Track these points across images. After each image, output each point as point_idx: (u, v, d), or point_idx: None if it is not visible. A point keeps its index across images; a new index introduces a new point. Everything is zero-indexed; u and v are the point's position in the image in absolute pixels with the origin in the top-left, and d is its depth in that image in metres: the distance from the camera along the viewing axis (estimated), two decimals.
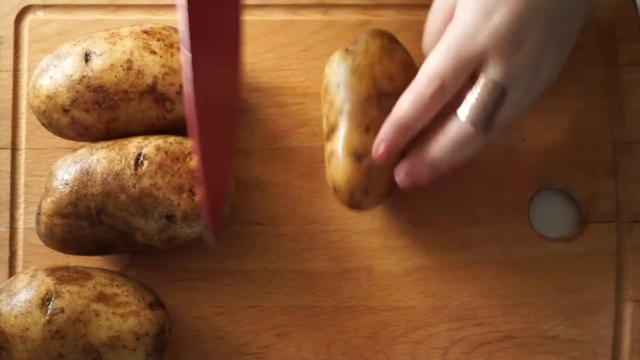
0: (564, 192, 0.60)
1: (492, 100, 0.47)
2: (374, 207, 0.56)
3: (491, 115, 0.48)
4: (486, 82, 0.47)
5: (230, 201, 0.54)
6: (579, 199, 0.59)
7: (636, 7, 0.60)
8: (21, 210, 0.58)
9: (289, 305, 0.57)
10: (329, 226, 0.58)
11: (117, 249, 0.54)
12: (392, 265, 0.58)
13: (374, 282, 0.58)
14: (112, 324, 0.50)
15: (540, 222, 0.59)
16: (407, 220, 0.58)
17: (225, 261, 0.58)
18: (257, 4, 0.60)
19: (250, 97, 0.59)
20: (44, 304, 0.50)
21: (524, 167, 0.59)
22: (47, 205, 0.52)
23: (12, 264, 0.58)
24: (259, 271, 0.58)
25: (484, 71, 0.48)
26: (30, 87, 0.54)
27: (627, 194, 0.58)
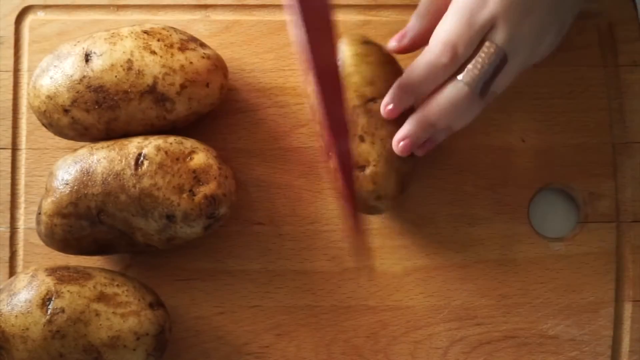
0: (563, 192, 0.60)
1: (492, 64, 0.48)
2: (393, 207, 0.56)
3: (489, 79, 0.48)
4: (490, 45, 0.48)
5: (231, 200, 0.54)
6: (579, 198, 0.59)
7: (636, 7, 0.60)
8: (21, 210, 0.58)
9: (289, 305, 0.58)
10: (329, 226, 0.58)
11: (117, 249, 0.54)
12: (392, 265, 0.58)
13: (373, 282, 0.58)
14: (113, 323, 0.50)
15: (540, 222, 0.59)
16: (407, 220, 0.58)
17: (225, 261, 0.58)
18: (257, 4, 0.60)
19: (250, 97, 0.59)
20: (45, 304, 0.50)
21: (524, 167, 0.59)
22: (47, 205, 0.52)
23: (13, 263, 0.58)
24: (259, 271, 0.58)
25: (490, 34, 0.48)
26: (30, 87, 0.54)
27: (627, 194, 0.58)
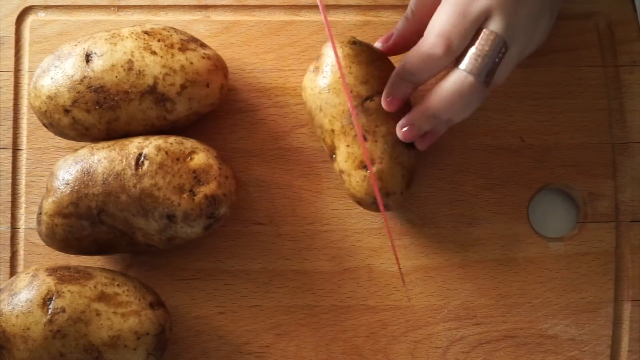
0: (563, 191, 0.60)
1: (493, 51, 0.48)
2: (403, 202, 0.56)
3: (492, 66, 0.49)
4: (488, 33, 0.48)
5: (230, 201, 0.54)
6: (579, 198, 0.59)
7: (636, 7, 0.60)
8: (22, 210, 0.59)
9: (289, 304, 0.58)
10: (329, 226, 0.58)
11: (117, 249, 0.54)
12: (392, 265, 0.58)
13: (373, 282, 0.58)
14: (113, 323, 0.50)
15: (539, 222, 0.59)
16: (407, 220, 0.58)
17: (225, 261, 0.58)
18: (257, 5, 0.61)
19: (250, 97, 0.60)
20: (45, 304, 0.50)
21: (524, 167, 0.59)
22: (48, 205, 0.52)
23: (14, 263, 0.58)
24: (259, 271, 0.58)
25: (486, 25, 0.48)
26: (31, 88, 0.54)
27: (626, 194, 0.58)
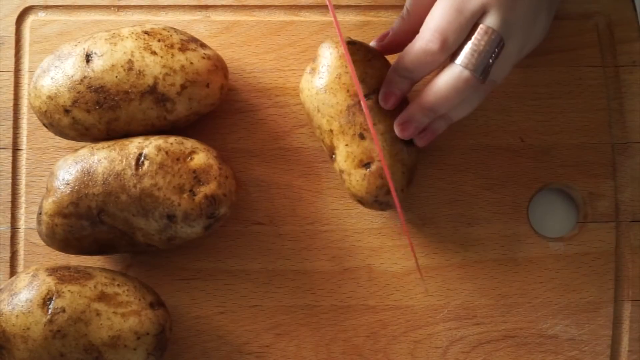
0: (563, 191, 0.60)
1: (489, 46, 0.48)
2: (403, 199, 0.56)
3: (488, 61, 0.49)
4: (485, 28, 0.48)
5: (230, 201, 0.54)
6: (578, 198, 0.59)
7: (636, 7, 0.60)
8: (22, 210, 0.59)
9: (289, 304, 0.58)
10: (329, 226, 0.58)
11: (118, 249, 0.54)
12: (392, 265, 0.58)
13: (373, 282, 0.58)
14: (113, 323, 0.50)
15: (539, 222, 0.59)
16: (407, 220, 0.58)
17: (225, 261, 0.58)
18: (257, 5, 0.61)
19: (250, 97, 0.60)
20: (45, 304, 0.50)
21: (524, 167, 0.59)
22: (48, 205, 0.52)
23: (14, 263, 0.58)
24: (259, 271, 0.58)
25: (482, 21, 0.48)
26: (31, 88, 0.54)
27: (626, 194, 0.58)
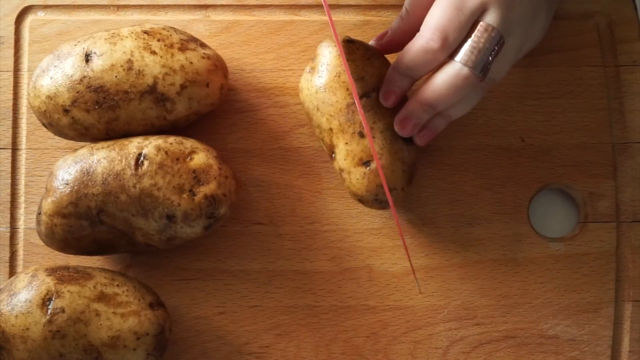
0: (563, 192, 0.60)
1: (488, 44, 0.48)
2: (404, 198, 0.56)
3: (488, 59, 0.49)
4: (485, 26, 0.48)
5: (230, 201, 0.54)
6: (579, 198, 0.59)
7: (636, 7, 0.60)
8: (22, 210, 0.58)
9: (289, 305, 0.58)
10: (329, 226, 0.58)
11: (117, 249, 0.54)
12: (392, 265, 0.58)
13: (374, 282, 0.58)
14: (113, 323, 0.50)
15: (540, 222, 0.59)
16: (407, 220, 0.58)
17: (225, 261, 0.58)
18: (257, 5, 0.60)
19: (250, 97, 0.59)
20: (45, 304, 0.50)
21: (524, 167, 0.59)
22: (47, 205, 0.52)
23: (13, 263, 0.58)
24: (259, 271, 0.58)
25: (482, 18, 0.49)
26: (30, 88, 0.54)
27: (627, 194, 0.58)
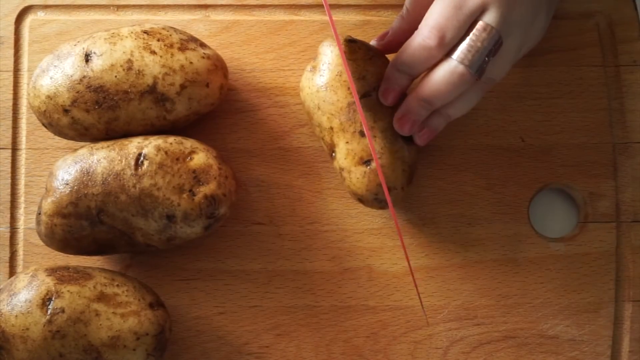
0: (563, 192, 0.60)
1: (486, 43, 0.48)
2: (404, 198, 0.56)
3: (484, 59, 0.49)
4: (484, 25, 0.48)
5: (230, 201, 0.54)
6: (579, 198, 0.59)
7: (636, 7, 0.60)
8: (21, 210, 0.58)
9: (289, 305, 0.58)
10: (329, 226, 0.58)
11: (117, 249, 0.54)
12: (392, 265, 0.58)
13: (374, 282, 0.58)
14: (113, 323, 0.50)
15: (540, 222, 0.59)
16: (407, 220, 0.58)
17: (225, 261, 0.58)
18: (257, 4, 0.60)
19: (250, 97, 0.59)
20: (45, 304, 0.50)
21: (524, 167, 0.59)
22: (47, 205, 0.52)
23: (13, 263, 0.58)
24: (259, 271, 0.58)
25: (481, 18, 0.49)
26: (30, 87, 0.54)
27: (627, 194, 0.58)
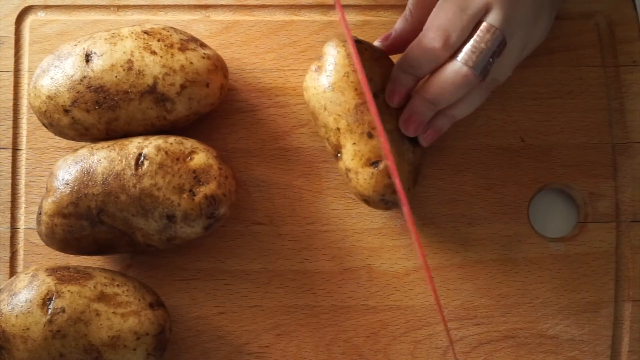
0: (563, 192, 0.60)
1: (490, 44, 0.49)
2: (410, 199, 0.55)
3: (489, 60, 0.49)
4: (488, 26, 0.49)
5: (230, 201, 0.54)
6: (579, 198, 0.59)
7: (636, 7, 0.60)
8: (22, 210, 0.59)
9: (289, 305, 0.58)
10: (329, 226, 0.58)
11: (117, 249, 0.54)
12: (392, 265, 0.58)
13: (373, 282, 0.58)
14: (113, 323, 0.50)
15: (540, 222, 0.59)
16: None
17: (225, 261, 0.58)
18: (257, 5, 0.60)
19: (250, 97, 0.59)
20: (45, 304, 0.50)
21: (524, 167, 0.59)
22: (47, 205, 0.52)
23: (13, 263, 0.58)
24: (259, 271, 0.58)
25: (485, 19, 0.49)
26: (31, 88, 0.54)
27: (627, 194, 0.58)
